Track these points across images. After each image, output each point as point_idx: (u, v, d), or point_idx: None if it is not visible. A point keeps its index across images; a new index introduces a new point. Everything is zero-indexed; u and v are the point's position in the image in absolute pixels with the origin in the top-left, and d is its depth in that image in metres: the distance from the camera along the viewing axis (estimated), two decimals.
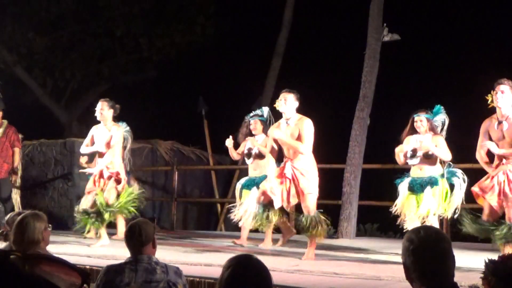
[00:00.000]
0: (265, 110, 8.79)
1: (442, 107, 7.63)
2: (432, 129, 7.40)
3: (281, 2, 15.29)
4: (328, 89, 15.14)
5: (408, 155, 7.29)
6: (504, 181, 6.41)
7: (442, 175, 7.23)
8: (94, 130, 8.78)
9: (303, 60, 16.58)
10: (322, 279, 5.73)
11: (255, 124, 8.67)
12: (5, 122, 9.64)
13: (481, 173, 6.90)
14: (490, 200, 6.48)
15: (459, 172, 7.28)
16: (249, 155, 8.61)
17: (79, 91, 16.88)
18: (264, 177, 7.86)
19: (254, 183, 8.25)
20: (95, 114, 8.66)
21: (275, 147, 7.40)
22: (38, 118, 16.03)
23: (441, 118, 7.61)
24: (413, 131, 7.46)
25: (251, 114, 8.79)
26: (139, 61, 16.13)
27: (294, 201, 7.12)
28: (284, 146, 7.17)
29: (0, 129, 9.53)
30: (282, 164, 7.25)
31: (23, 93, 15.85)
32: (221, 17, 16.25)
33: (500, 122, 6.48)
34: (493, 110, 6.59)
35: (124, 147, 9.02)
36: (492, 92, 6.50)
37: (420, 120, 7.42)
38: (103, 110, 8.58)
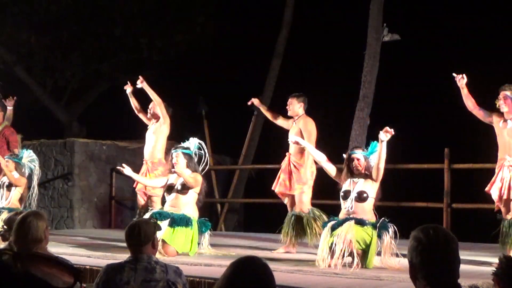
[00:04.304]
0: (193, 142, 7.77)
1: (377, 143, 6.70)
2: (368, 168, 6.59)
3: (281, 2, 15.29)
4: (328, 89, 15.12)
5: (341, 197, 6.62)
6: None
7: (373, 225, 6.38)
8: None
9: (303, 60, 16.57)
10: (322, 279, 5.72)
11: (177, 158, 7.52)
12: (5, 123, 9.62)
13: (482, 173, 6.92)
14: None
15: (391, 228, 6.39)
16: (170, 189, 7.60)
17: (79, 91, 16.89)
18: (183, 215, 7.30)
19: (169, 216, 7.30)
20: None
21: None
22: (38, 118, 16.02)
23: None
24: (349, 169, 6.66)
25: (176, 146, 7.77)
26: (139, 61, 16.12)
27: None
28: None
29: None
30: None
31: (23, 93, 15.84)
32: (221, 17, 16.25)
33: (505, 120, 6.78)
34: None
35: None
36: (497, 97, 6.79)
37: (358, 158, 6.60)
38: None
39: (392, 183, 7.51)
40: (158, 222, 6.33)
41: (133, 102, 8.99)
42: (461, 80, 6.85)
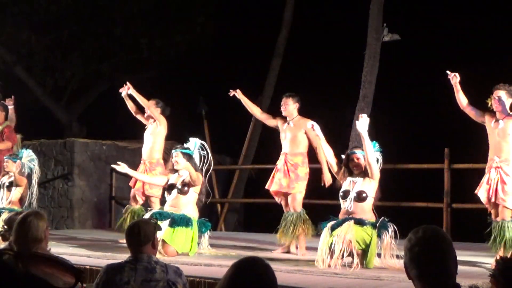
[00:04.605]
0: (194, 142, 7.77)
1: (377, 143, 6.76)
2: (366, 168, 6.55)
3: (281, 2, 15.29)
4: (328, 89, 15.13)
5: (340, 197, 6.63)
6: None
7: (373, 224, 6.36)
8: None
9: (303, 60, 16.57)
10: (322, 279, 5.73)
11: (176, 157, 7.53)
12: (6, 122, 9.63)
13: (482, 173, 6.91)
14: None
15: (391, 227, 6.37)
16: (170, 189, 7.59)
17: (79, 91, 16.89)
18: (183, 215, 7.32)
19: (169, 217, 7.31)
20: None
21: None
22: (38, 118, 16.02)
23: (376, 155, 6.68)
24: (348, 169, 6.69)
25: (177, 146, 7.80)
26: (139, 61, 16.12)
27: None
28: None
29: None
30: None
31: (23, 93, 15.84)
32: (221, 17, 16.25)
33: (497, 120, 6.72)
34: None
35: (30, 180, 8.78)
36: (490, 96, 6.74)
37: (357, 158, 6.60)
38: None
39: (392, 183, 7.51)
40: (158, 222, 6.41)
41: (129, 104, 9.02)
42: (454, 78, 6.85)
